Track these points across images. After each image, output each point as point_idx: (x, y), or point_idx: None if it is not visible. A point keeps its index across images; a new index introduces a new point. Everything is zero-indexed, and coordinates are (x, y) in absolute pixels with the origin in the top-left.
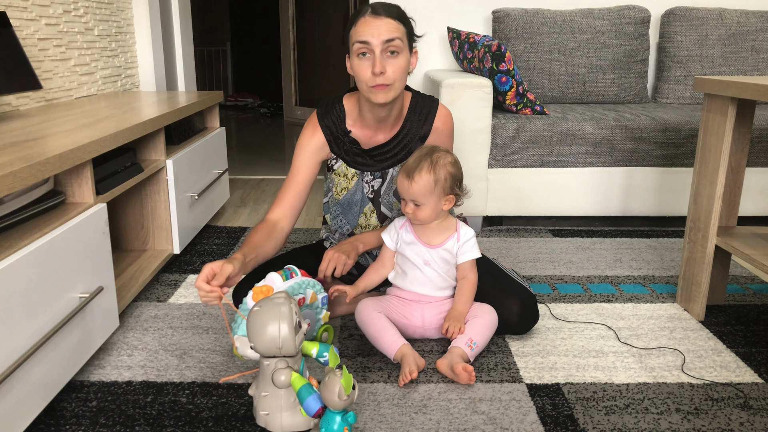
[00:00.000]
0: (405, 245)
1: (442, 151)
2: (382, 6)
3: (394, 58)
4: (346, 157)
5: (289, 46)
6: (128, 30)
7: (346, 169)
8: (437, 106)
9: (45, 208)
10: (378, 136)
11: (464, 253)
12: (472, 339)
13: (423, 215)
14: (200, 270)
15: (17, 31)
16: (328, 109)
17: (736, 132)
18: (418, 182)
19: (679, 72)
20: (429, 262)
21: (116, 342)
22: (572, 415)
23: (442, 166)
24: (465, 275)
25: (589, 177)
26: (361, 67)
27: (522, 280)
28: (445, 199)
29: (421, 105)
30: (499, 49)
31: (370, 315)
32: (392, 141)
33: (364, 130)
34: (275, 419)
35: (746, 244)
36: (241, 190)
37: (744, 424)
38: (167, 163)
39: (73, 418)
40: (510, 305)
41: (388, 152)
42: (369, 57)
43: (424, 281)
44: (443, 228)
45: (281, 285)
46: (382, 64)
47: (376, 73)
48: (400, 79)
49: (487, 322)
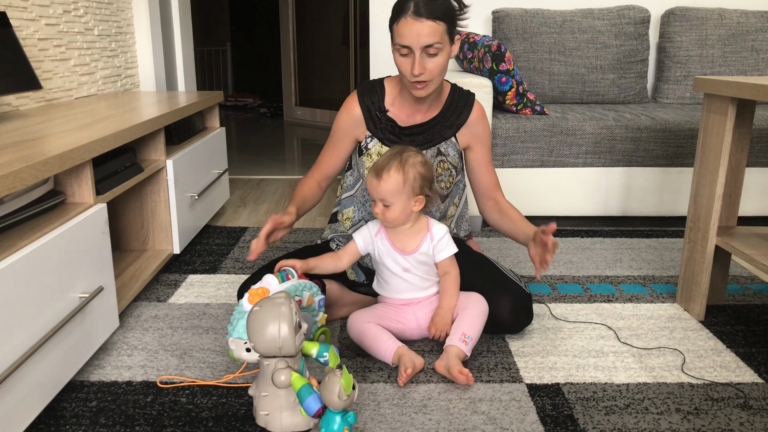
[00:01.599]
0: (382, 254)
1: (412, 151)
2: (425, 5)
3: (434, 57)
4: (381, 134)
5: (289, 46)
6: (128, 30)
7: (381, 147)
8: (473, 100)
9: (45, 208)
10: (415, 117)
11: (440, 251)
12: (465, 333)
13: (392, 216)
14: (200, 269)
15: (17, 31)
16: (368, 88)
17: (736, 132)
18: (387, 181)
19: (679, 72)
20: (408, 269)
21: (116, 342)
22: (572, 415)
23: (411, 165)
24: (446, 271)
25: (589, 177)
26: (403, 63)
27: (517, 279)
28: (415, 200)
29: (459, 97)
30: (499, 49)
31: (362, 326)
32: (429, 123)
33: (403, 110)
34: (275, 419)
35: (746, 244)
36: (241, 190)
37: (744, 424)
38: (167, 163)
39: (73, 418)
40: (503, 302)
41: (423, 132)
42: (410, 56)
43: (406, 287)
44: (416, 231)
45: (277, 287)
46: (421, 65)
47: (416, 74)
48: (439, 74)
49: (476, 311)
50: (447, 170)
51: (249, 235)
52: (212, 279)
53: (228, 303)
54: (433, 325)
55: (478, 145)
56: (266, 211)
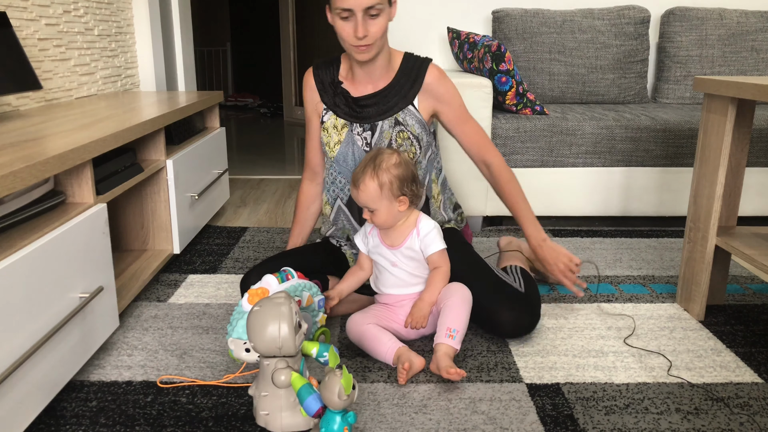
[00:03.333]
0: (373, 249)
1: (386, 154)
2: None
3: (375, 19)
4: (335, 107)
5: (289, 46)
6: (128, 30)
7: (335, 120)
8: (428, 65)
9: (45, 208)
10: (367, 87)
11: (428, 246)
12: (450, 327)
13: (379, 220)
14: (200, 269)
15: (17, 31)
16: (323, 62)
17: (736, 132)
18: (364, 190)
19: (679, 72)
20: (396, 263)
21: (116, 342)
22: (572, 415)
23: (384, 170)
24: (436, 266)
25: (589, 177)
26: (344, 28)
27: (520, 285)
28: (398, 201)
29: (413, 64)
30: (499, 49)
31: (361, 328)
32: (381, 92)
33: (354, 81)
34: (275, 419)
35: (746, 244)
36: (241, 190)
37: (744, 424)
38: (167, 163)
39: (73, 418)
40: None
41: (378, 103)
42: (351, 20)
43: (395, 282)
44: (405, 226)
45: (277, 287)
46: (364, 27)
47: (360, 37)
48: (381, 37)
49: (458, 301)
50: (407, 139)
51: (249, 235)
52: (212, 279)
53: (228, 303)
54: (410, 315)
55: (444, 107)
56: (266, 211)
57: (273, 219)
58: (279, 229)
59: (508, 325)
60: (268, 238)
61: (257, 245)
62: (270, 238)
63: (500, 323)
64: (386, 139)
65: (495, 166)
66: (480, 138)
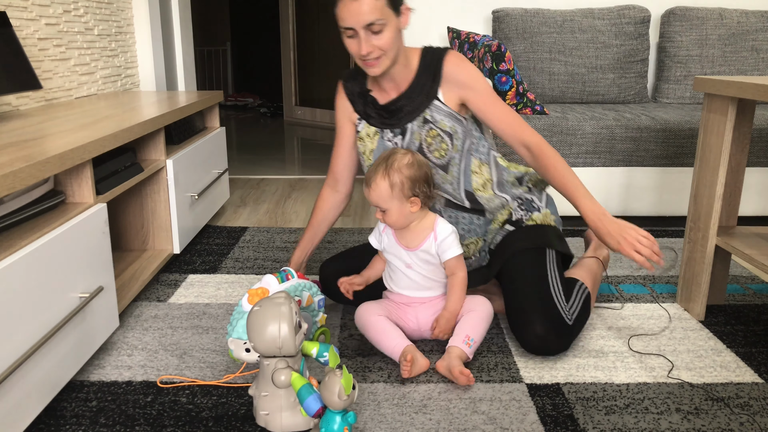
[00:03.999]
0: (388, 248)
1: (399, 154)
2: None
3: (379, 34)
4: (366, 116)
5: (289, 46)
6: (128, 30)
7: (368, 128)
8: (444, 55)
9: (45, 208)
10: (390, 93)
11: (445, 251)
12: (468, 336)
13: (391, 220)
14: (200, 269)
15: (17, 31)
16: (351, 73)
17: (736, 132)
18: (375, 189)
19: (679, 72)
20: (410, 265)
21: (116, 342)
22: (572, 415)
23: (396, 170)
24: (452, 272)
25: (589, 177)
26: (351, 45)
27: (572, 315)
28: (410, 202)
29: (430, 59)
30: (499, 49)
31: (371, 318)
32: (404, 95)
33: (380, 90)
34: (275, 419)
35: (746, 244)
36: (241, 190)
37: (744, 424)
38: (167, 163)
39: (73, 418)
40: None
41: (405, 106)
42: (355, 38)
43: (408, 284)
44: (421, 228)
45: (277, 287)
46: (368, 44)
47: (364, 54)
48: (390, 48)
49: (481, 315)
50: (437, 137)
51: (249, 235)
52: (212, 279)
53: (228, 303)
54: (437, 325)
55: (469, 93)
56: (266, 210)
57: (273, 219)
58: (279, 229)
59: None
60: (268, 238)
61: (257, 245)
62: (270, 238)
63: (526, 341)
64: (417, 141)
65: (535, 145)
66: (513, 119)
